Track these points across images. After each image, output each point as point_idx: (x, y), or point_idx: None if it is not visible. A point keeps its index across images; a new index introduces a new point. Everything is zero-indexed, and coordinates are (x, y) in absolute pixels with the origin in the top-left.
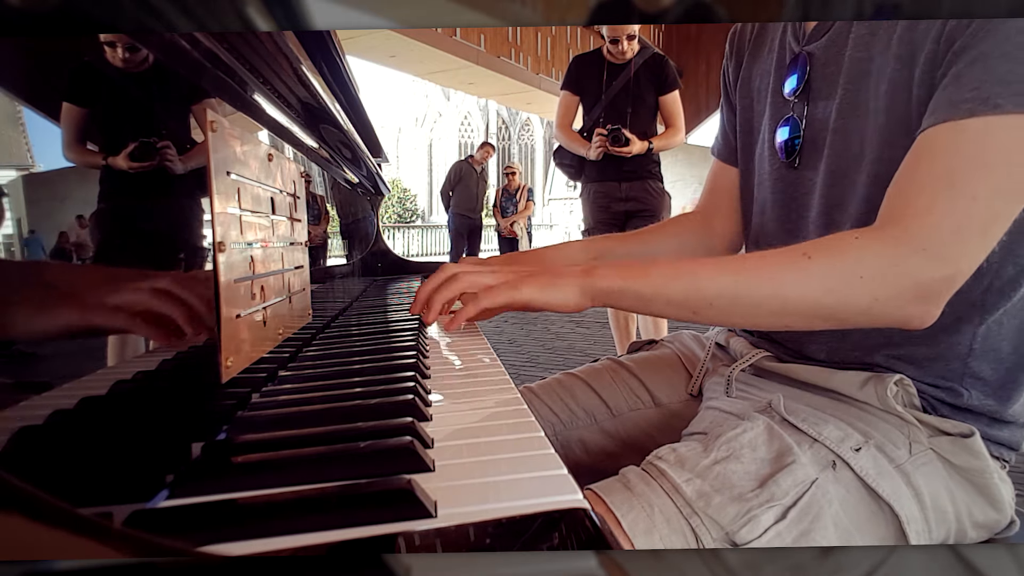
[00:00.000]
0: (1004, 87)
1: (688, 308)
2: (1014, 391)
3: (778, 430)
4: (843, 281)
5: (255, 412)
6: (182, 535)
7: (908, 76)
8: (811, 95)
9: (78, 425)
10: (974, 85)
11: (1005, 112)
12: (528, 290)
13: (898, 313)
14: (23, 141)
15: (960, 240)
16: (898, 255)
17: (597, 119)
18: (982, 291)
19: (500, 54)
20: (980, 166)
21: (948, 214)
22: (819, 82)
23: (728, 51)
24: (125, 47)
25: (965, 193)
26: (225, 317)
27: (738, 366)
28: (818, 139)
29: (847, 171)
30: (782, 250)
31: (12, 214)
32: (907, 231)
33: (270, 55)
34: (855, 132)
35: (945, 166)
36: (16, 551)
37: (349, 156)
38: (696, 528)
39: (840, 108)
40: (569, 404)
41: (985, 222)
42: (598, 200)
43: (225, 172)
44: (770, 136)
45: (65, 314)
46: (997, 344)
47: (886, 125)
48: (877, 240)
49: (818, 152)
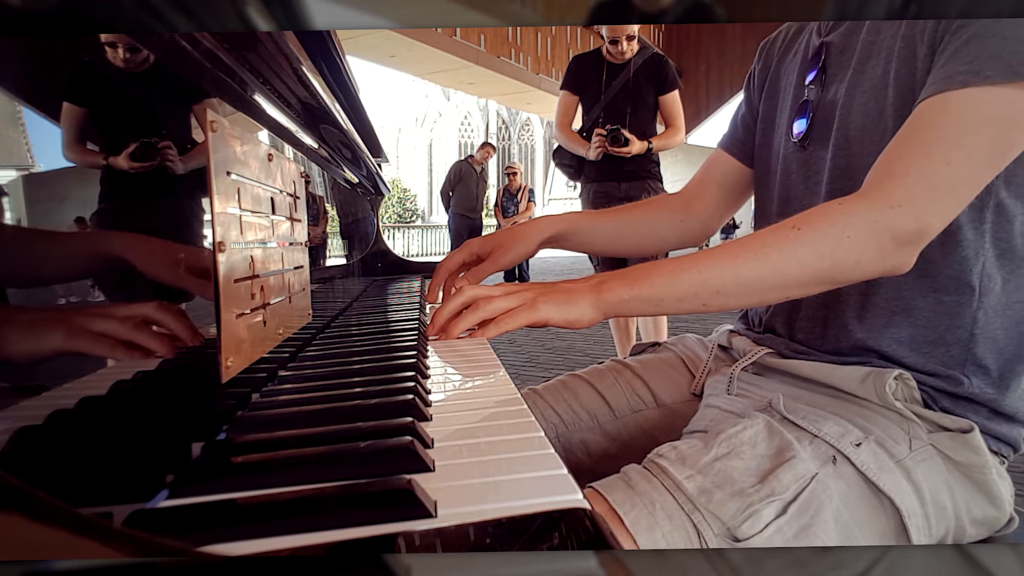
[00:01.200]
0: (995, 60)
1: (698, 301)
2: (1013, 380)
3: (778, 427)
4: (831, 244)
5: (255, 412)
6: (182, 535)
7: (911, 54)
8: (826, 80)
9: (78, 425)
10: (968, 59)
11: (992, 83)
12: (545, 310)
13: (881, 264)
14: (23, 141)
15: (932, 198)
16: (876, 212)
17: (596, 119)
18: (979, 273)
19: (500, 54)
20: (958, 134)
21: (923, 176)
22: (834, 67)
23: (757, 58)
24: (125, 47)
25: (940, 158)
26: (225, 317)
27: (740, 364)
28: (827, 120)
29: (853, 144)
30: (772, 228)
31: (12, 214)
32: (883, 191)
33: (270, 55)
34: (861, 106)
35: (927, 135)
36: (16, 551)
37: (349, 156)
38: (698, 524)
39: (849, 86)
40: (572, 405)
41: (957, 184)
42: (598, 200)
43: (225, 172)
44: (788, 126)
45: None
46: (996, 332)
47: (893, 100)
48: (858, 203)
49: (828, 130)
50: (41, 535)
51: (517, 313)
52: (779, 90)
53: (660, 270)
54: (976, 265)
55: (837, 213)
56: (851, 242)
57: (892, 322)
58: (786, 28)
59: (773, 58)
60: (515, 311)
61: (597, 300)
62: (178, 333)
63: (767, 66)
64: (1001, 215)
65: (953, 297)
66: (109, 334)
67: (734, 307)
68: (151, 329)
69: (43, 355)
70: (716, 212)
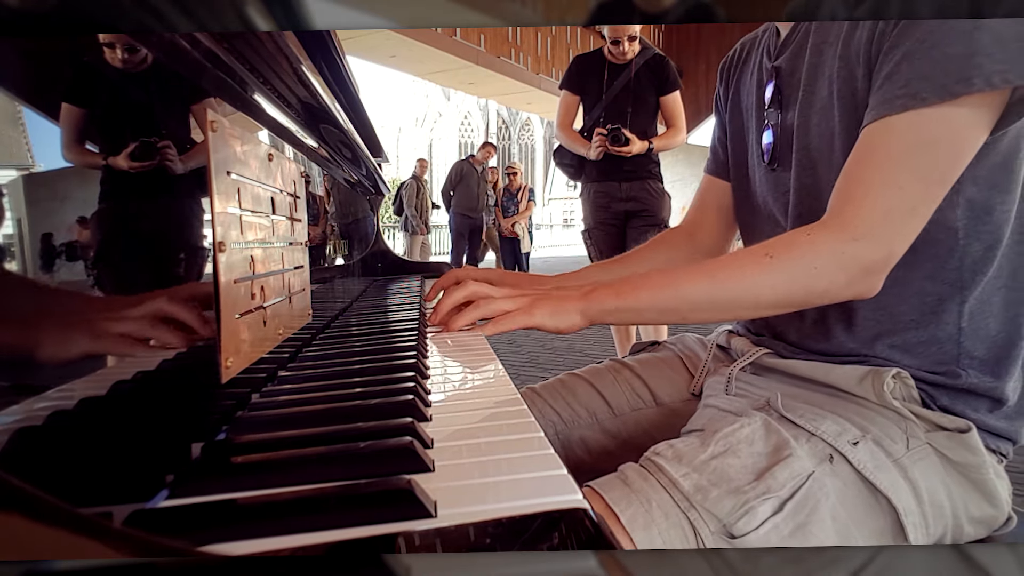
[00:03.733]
0: (928, 82)
1: (678, 314)
2: (1010, 366)
3: (775, 425)
4: (801, 273)
5: (255, 412)
6: (182, 535)
7: (850, 75)
8: (782, 103)
9: (78, 425)
10: (903, 82)
11: (930, 104)
12: (540, 315)
13: (849, 291)
14: (23, 141)
15: (890, 223)
16: (841, 244)
17: (597, 119)
18: (956, 269)
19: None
20: (905, 157)
21: (877, 203)
22: (787, 90)
23: (719, 79)
24: (124, 47)
25: (893, 183)
26: (225, 317)
27: (738, 364)
28: (789, 141)
29: (813, 164)
30: (747, 250)
31: (12, 214)
32: (845, 221)
33: (270, 55)
34: (814, 128)
35: (877, 160)
36: (16, 551)
37: (349, 156)
38: (694, 522)
39: (801, 108)
40: (571, 403)
41: (913, 205)
42: (598, 200)
43: (225, 172)
44: (757, 147)
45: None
46: (984, 323)
47: (840, 120)
48: (823, 233)
49: (789, 152)
50: (41, 535)
51: (514, 316)
52: (742, 111)
53: (646, 284)
54: (952, 262)
55: (805, 243)
56: (818, 272)
57: (880, 329)
58: (739, 47)
59: (732, 78)
60: (512, 314)
61: (586, 308)
62: (191, 323)
63: (727, 86)
64: (974, 210)
65: (934, 297)
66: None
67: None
68: (166, 323)
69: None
70: (720, 236)
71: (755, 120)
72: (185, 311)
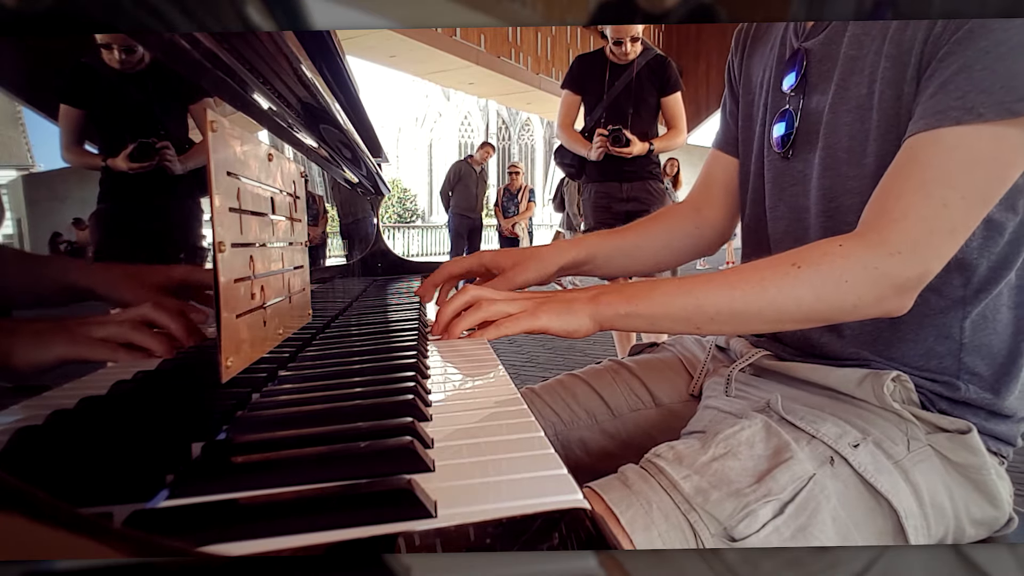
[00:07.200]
0: (987, 96)
1: (692, 324)
2: (1010, 383)
3: (776, 427)
4: (831, 287)
5: (255, 412)
6: (182, 535)
7: (898, 76)
8: (807, 89)
9: (78, 425)
10: (959, 94)
11: (986, 121)
12: (545, 318)
13: (878, 308)
14: (23, 141)
15: (930, 243)
16: (876, 259)
17: (598, 119)
18: (962, 286)
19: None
20: (954, 175)
21: (920, 220)
22: (815, 77)
23: (734, 46)
24: (122, 47)
25: (937, 200)
26: (225, 317)
27: (738, 366)
28: (811, 132)
29: (839, 164)
30: (772, 259)
31: (12, 214)
32: (883, 236)
33: (270, 55)
34: (846, 126)
35: (922, 174)
36: (16, 551)
37: (349, 156)
38: (694, 524)
39: (833, 103)
40: (570, 404)
41: (954, 226)
42: (599, 200)
43: (225, 172)
44: (767, 129)
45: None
46: (987, 340)
47: (878, 122)
48: (858, 246)
49: (811, 145)
50: (41, 535)
51: (518, 319)
52: (753, 85)
53: (659, 290)
54: (959, 279)
55: (838, 255)
56: (849, 286)
57: (880, 337)
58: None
59: (749, 47)
60: (516, 316)
61: (595, 312)
62: (174, 332)
63: (742, 56)
64: (989, 229)
65: (937, 310)
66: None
67: (727, 333)
68: (150, 330)
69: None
70: (727, 215)
71: (770, 101)
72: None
